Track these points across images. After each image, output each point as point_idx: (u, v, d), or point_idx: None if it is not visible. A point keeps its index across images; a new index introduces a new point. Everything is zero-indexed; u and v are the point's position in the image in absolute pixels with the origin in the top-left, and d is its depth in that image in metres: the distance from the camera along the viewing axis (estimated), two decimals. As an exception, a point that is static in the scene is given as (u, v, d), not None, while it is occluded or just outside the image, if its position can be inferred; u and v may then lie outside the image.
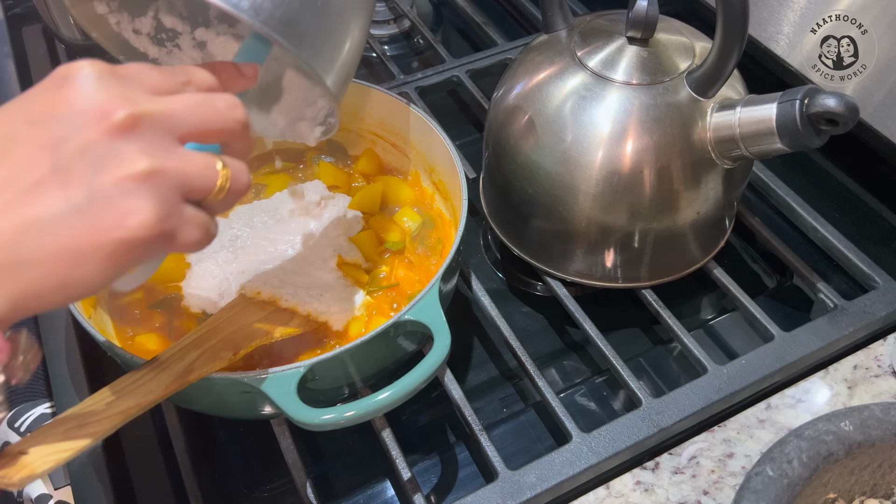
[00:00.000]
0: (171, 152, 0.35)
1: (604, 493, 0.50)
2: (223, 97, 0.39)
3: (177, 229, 0.35)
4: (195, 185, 0.36)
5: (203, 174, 0.36)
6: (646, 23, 0.55)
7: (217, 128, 0.38)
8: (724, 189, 0.58)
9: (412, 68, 0.92)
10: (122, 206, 0.33)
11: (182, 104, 0.36)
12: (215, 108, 0.38)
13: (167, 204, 0.34)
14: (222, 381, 0.47)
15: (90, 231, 0.32)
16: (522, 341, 0.58)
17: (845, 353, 0.58)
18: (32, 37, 0.97)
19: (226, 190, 0.37)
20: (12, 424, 0.58)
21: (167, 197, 0.34)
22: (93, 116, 0.33)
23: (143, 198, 0.33)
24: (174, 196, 0.35)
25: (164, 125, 0.35)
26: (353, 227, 0.64)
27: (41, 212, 0.32)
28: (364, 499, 0.56)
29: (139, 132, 0.34)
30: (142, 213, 0.33)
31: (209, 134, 0.37)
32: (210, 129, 0.37)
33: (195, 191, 0.36)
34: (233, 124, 0.38)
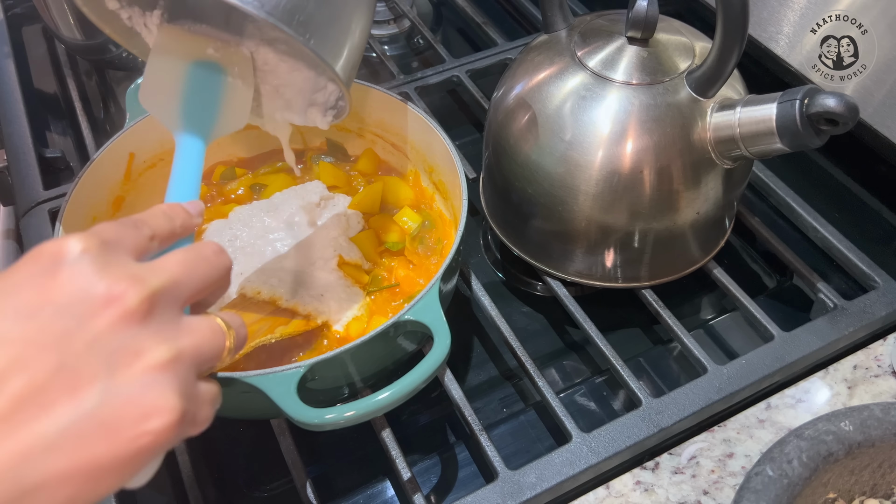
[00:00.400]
0: (180, 327, 0.32)
1: (604, 493, 0.50)
2: (208, 246, 0.36)
3: (196, 416, 0.31)
4: (208, 357, 0.33)
5: (213, 342, 0.33)
6: (646, 23, 0.55)
7: (212, 282, 0.35)
8: (724, 189, 0.58)
9: (412, 68, 0.92)
10: (144, 404, 0.28)
11: (180, 268, 0.33)
12: (208, 261, 0.35)
13: (189, 391, 0.30)
14: (222, 381, 0.46)
15: (108, 442, 0.27)
16: (522, 341, 0.58)
17: (845, 353, 0.58)
18: (32, 37, 0.97)
19: (233, 351, 0.35)
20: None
21: (188, 383, 0.30)
22: (100, 303, 0.29)
23: (166, 390, 0.29)
24: (192, 379, 0.31)
25: (172, 298, 0.32)
26: (353, 227, 0.64)
27: (47, 427, 0.27)
28: (364, 499, 0.56)
29: (154, 315, 0.30)
30: (167, 411, 0.29)
31: (206, 291, 0.35)
32: (207, 286, 0.35)
33: (209, 363, 0.33)
34: (223, 273, 0.36)
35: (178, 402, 0.29)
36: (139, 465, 0.29)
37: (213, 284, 0.35)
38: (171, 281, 0.32)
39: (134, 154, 0.64)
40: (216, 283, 0.36)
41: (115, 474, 0.28)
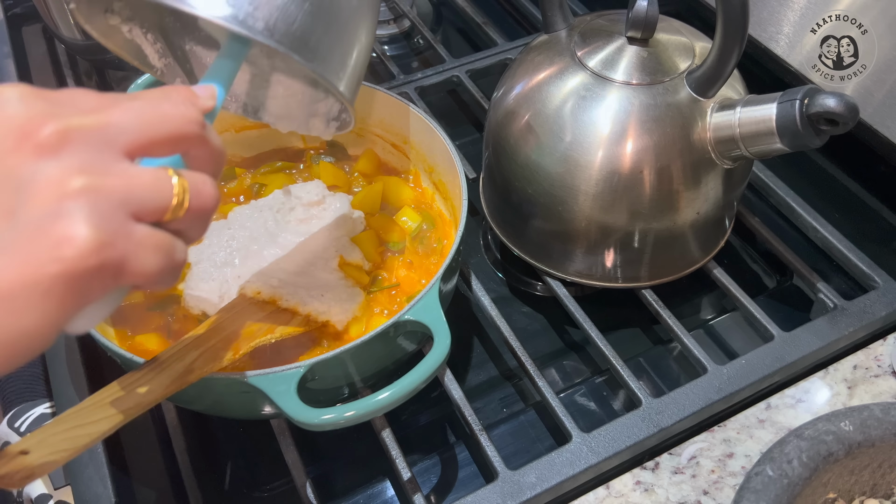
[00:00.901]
0: (111, 167, 0.30)
1: (604, 493, 0.50)
2: (171, 97, 0.34)
3: (127, 255, 0.30)
4: (145, 202, 0.31)
5: (154, 189, 0.31)
6: (646, 23, 0.55)
7: (167, 134, 0.33)
8: (724, 189, 0.58)
9: (412, 68, 0.92)
10: (54, 232, 0.28)
11: (120, 112, 0.32)
12: (161, 111, 0.33)
13: (109, 224, 0.29)
14: (222, 381, 0.47)
15: (18, 268, 0.27)
16: (522, 341, 0.58)
17: (845, 353, 0.58)
18: (32, 37, 0.97)
19: (185, 206, 0.33)
20: (12, 424, 0.58)
21: (109, 217, 0.29)
22: (13, 139, 0.29)
23: (78, 220, 0.28)
24: (118, 215, 0.30)
25: (100, 138, 0.31)
26: (354, 227, 0.64)
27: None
28: (364, 499, 0.56)
29: (70, 148, 0.29)
30: (78, 238, 0.28)
31: (159, 143, 0.33)
32: (158, 136, 0.32)
33: (147, 210, 0.31)
34: (187, 126, 0.33)
35: (90, 232, 0.28)
36: (59, 299, 0.28)
37: (173, 139, 0.33)
38: (99, 122, 0.31)
39: (134, 154, 0.64)
40: (177, 139, 0.33)
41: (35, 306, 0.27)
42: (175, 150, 0.34)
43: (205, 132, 0.35)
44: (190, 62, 0.54)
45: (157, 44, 0.51)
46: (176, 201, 0.32)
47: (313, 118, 0.55)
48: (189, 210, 0.33)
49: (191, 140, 0.34)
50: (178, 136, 0.33)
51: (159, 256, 0.31)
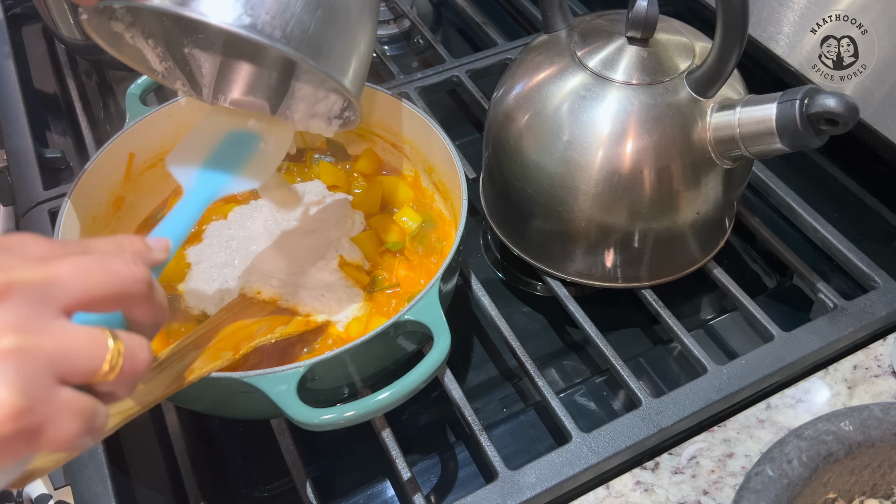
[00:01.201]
0: (46, 326, 0.30)
1: (604, 493, 0.50)
2: (122, 253, 0.34)
3: (46, 422, 0.29)
4: (75, 365, 0.30)
5: (87, 352, 0.31)
6: (646, 23, 0.55)
7: (111, 293, 0.32)
8: (724, 189, 0.58)
9: (412, 68, 0.92)
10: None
11: (67, 267, 0.31)
12: (109, 269, 0.32)
13: (33, 389, 0.28)
14: (222, 381, 0.46)
15: None
16: (522, 341, 0.58)
17: (845, 353, 0.58)
18: (32, 37, 0.97)
19: (117, 370, 0.32)
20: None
21: (34, 381, 0.28)
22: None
23: (1, 383, 0.27)
24: (44, 379, 0.29)
25: (40, 293, 0.30)
26: (354, 227, 0.64)
27: None
28: (364, 499, 0.56)
29: (8, 303, 0.29)
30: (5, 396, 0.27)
31: (101, 301, 0.32)
32: (102, 294, 0.32)
33: (76, 372, 0.30)
34: (133, 286, 0.33)
35: (12, 396, 0.27)
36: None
37: (116, 298, 0.33)
38: (43, 277, 0.30)
39: (134, 154, 0.64)
40: (121, 297, 0.33)
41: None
42: (117, 307, 0.33)
43: (151, 291, 0.34)
44: (189, 65, 0.55)
45: (157, 48, 0.52)
46: (108, 367, 0.31)
47: (314, 118, 0.56)
48: (120, 374, 0.32)
49: (135, 299, 0.34)
50: (122, 295, 0.33)
51: (78, 423, 0.30)
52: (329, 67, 0.44)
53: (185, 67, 0.54)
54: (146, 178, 0.66)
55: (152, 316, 0.35)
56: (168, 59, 0.53)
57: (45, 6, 0.82)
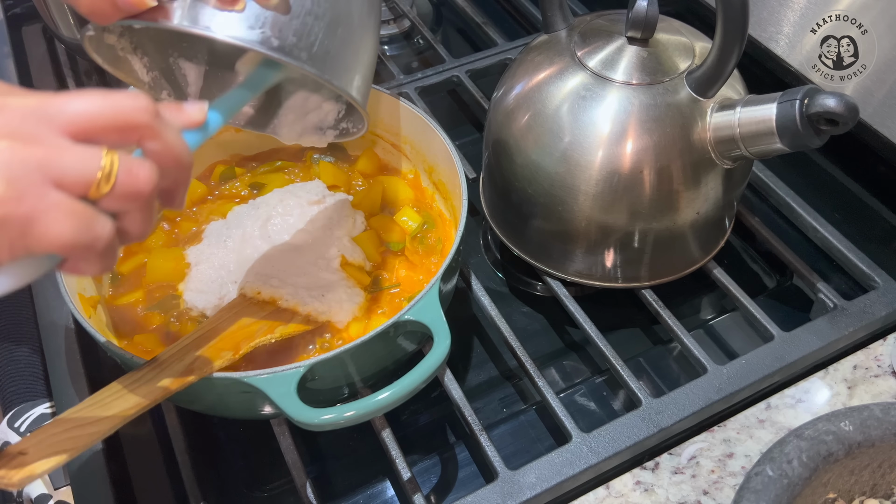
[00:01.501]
0: (41, 137, 0.31)
1: (604, 493, 0.50)
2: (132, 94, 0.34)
3: (34, 214, 0.30)
4: (66, 171, 0.31)
5: (78, 161, 0.31)
6: (646, 23, 0.55)
7: (112, 119, 0.32)
8: (724, 189, 0.58)
9: (412, 68, 0.92)
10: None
11: (69, 95, 0.32)
12: (113, 100, 0.33)
13: (20, 182, 0.29)
14: (222, 381, 0.47)
15: None
16: (522, 341, 0.58)
17: (845, 353, 0.58)
18: (32, 37, 0.97)
19: (111, 182, 0.32)
20: (12, 424, 0.58)
21: (21, 176, 0.30)
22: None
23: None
24: (32, 176, 0.30)
25: (39, 113, 0.31)
26: (355, 227, 0.64)
27: None
28: (364, 499, 0.56)
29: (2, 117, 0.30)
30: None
31: (103, 128, 0.32)
32: (103, 120, 0.32)
33: (68, 179, 0.31)
34: (135, 114, 0.33)
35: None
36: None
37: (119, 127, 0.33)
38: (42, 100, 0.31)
39: (134, 154, 0.64)
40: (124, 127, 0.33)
41: None
42: (122, 139, 0.33)
43: (158, 123, 0.34)
44: (174, 74, 0.55)
45: (143, 58, 0.52)
46: (101, 174, 0.31)
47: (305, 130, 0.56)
48: (116, 187, 0.32)
49: (139, 129, 0.33)
50: (122, 123, 0.33)
51: (72, 223, 0.31)
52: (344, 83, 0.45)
53: (170, 77, 0.55)
54: (146, 178, 0.66)
55: (166, 151, 0.35)
56: (154, 69, 0.53)
57: (45, 6, 0.82)
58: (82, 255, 0.32)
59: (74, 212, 0.31)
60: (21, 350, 0.61)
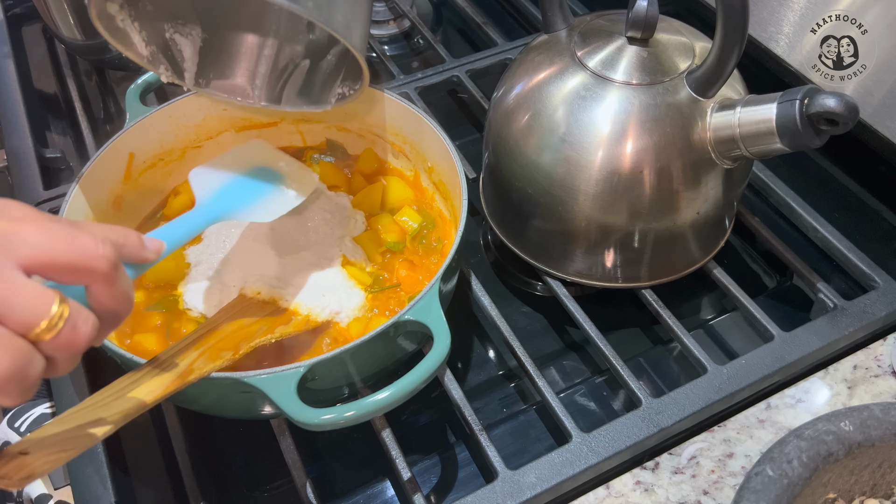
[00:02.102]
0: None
1: (604, 493, 0.50)
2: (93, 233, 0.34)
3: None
4: (13, 310, 0.30)
5: (28, 302, 0.31)
6: (646, 23, 0.55)
7: (70, 259, 0.32)
8: (724, 189, 0.58)
9: (412, 68, 0.92)
10: None
11: (34, 227, 0.32)
12: (76, 238, 0.33)
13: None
14: (222, 381, 0.47)
15: None
16: (522, 341, 0.58)
17: (845, 353, 0.58)
18: (32, 37, 0.97)
19: (55, 332, 0.32)
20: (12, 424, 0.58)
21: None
22: None
23: None
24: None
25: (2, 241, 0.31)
26: (355, 227, 0.64)
27: None
28: (364, 499, 0.56)
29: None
30: None
31: (59, 266, 0.32)
32: (60, 259, 0.32)
33: (12, 318, 0.31)
34: (94, 261, 0.33)
35: None
36: None
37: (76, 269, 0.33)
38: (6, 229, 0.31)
39: (134, 154, 0.64)
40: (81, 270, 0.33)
41: None
42: (76, 279, 0.33)
43: (114, 273, 0.34)
44: (171, 51, 0.56)
45: (142, 32, 0.53)
46: (46, 325, 0.31)
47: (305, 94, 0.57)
48: (57, 338, 0.32)
49: (94, 275, 0.33)
50: (82, 266, 0.33)
51: (10, 359, 0.30)
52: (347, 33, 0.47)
53: (167, 53, 0.56)
54: (146, 178, 0.66)
55: (113, 300, 0.35)
56: (152, 43, 0.54)
57: (45, 6, 0.82)
58: (7, 388, 0.31)
59: (14, 348, 0.31)
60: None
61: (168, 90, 0.80)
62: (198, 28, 0.57)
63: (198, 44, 0.58)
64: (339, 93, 0.58)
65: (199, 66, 0.59)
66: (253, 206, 0.55)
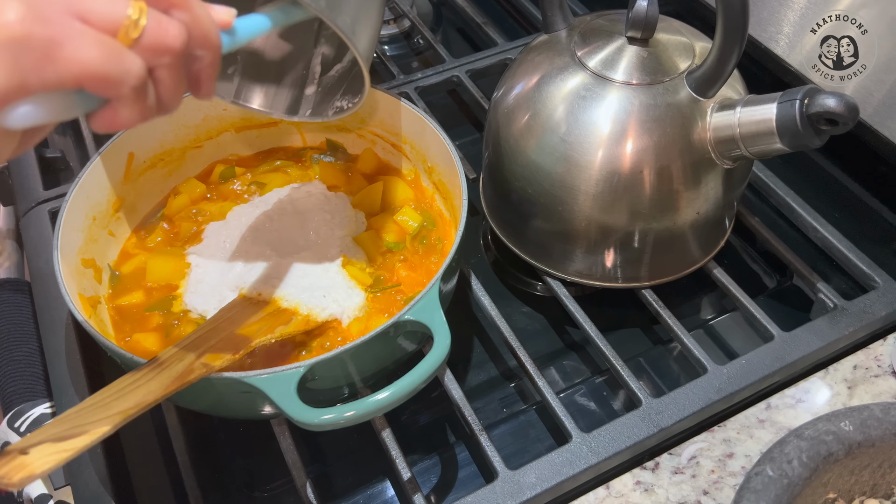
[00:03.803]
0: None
1: (604, 493, 0.50)
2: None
3: (59, 37, 0.30)
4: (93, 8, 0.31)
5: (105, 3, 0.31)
6: (646, 23, 0.55)
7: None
8: (724, 189, 0.58)
9: (412, 68, 0.92)
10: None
11: None
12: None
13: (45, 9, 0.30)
14: (222, 381, 0.47)
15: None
16: (522, 341, 0.58)
17: (845, 353, 0.58)
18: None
19: (139, 27, 0.32)
20: (12, 424, 0.58)
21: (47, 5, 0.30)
22: None
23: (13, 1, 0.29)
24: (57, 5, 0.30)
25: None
26: (356, 227, 0.64)
27: None
28: (364, 499, 0.56)
29: None
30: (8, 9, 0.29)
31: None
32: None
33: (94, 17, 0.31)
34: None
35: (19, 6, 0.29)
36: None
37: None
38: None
39: (134, 154, 0.64)
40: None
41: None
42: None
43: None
44: None
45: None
46: (128, 21, 0.31)
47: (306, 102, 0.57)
48: (145, 35, 0.32)
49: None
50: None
51: (100, 49, 0.30)
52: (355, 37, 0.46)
53: None
54: (146, 178, 0.66)
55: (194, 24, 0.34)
56: None
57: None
58: (116, 90, 0.32)
59: (102, 41, 0.31)
60: (21, 350, 0.61)
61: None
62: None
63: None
64: (337, 106, 0.58)
65: None
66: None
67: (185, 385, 0.45)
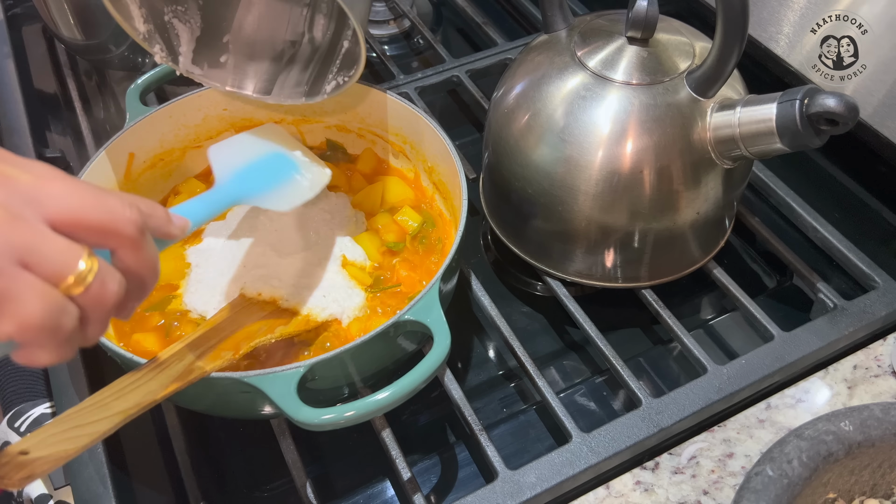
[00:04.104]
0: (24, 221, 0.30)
1: (604, 493, 0.50)
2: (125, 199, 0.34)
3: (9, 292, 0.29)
4: (42, 261, 0.30)
5: (57, 255, 0.31)
6: (646, 23, 0.55)
7: (97, 220, 0.32)
8: (724, 189, 0.58)
9: (412, 68, 0.92)
10: None
11: (63, 184, 0.32)
12: (105, 201, 0.32)
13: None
14: (222, 381, 0.47)
15: None
16: (522, 341, 0.58)
17: (845, 353, 0.58)
18: (32, 37, 0.97)
19: (84, 285, 0.31)
20: (12, 424, 0.58)
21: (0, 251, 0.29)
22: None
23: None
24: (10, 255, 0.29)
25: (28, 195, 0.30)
26: (356, 227, 0.64)
27: None
28: (364, 499, 0.56)
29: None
30: None
31: (86, 227, 0.32)
32: (88, 219, 0.32)
33: (43, 268, 0.30)
34: (122, 224, 0.33)
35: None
36: None
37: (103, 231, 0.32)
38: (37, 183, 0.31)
39: (134, 154, 0.64)
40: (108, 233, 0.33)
41: None
42: (103, 241, 0.33)
43: (141, 238, 0.34)
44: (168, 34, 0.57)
45: (141, 8, 0.53)
46: (74, 277, 0.31)
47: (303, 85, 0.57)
48: (87, 293, 0.32)
49: (121, 238, 0.33)
50: (109, 228, 0.33)
51: (43, 305, 0.30)
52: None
53: (164, 35, 0.56)
54: (146, 178, 0.66)
55: (139, 265, 0.34)
56: (150, 22, 0.55)
57: (45, 6, 0.82)
58: (44, 340, 0.31)
59: (47, 296, 0.30)
60: (21, 350, 0.61)
61: (168, 90, 0.80)
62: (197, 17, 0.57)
63: (196, 32, 0.58)
64: (333, 83, 0.58)
65: (194, 53, 0.60)
66: (270, 193, 0.54)
67: (184, 385, 0.45)
